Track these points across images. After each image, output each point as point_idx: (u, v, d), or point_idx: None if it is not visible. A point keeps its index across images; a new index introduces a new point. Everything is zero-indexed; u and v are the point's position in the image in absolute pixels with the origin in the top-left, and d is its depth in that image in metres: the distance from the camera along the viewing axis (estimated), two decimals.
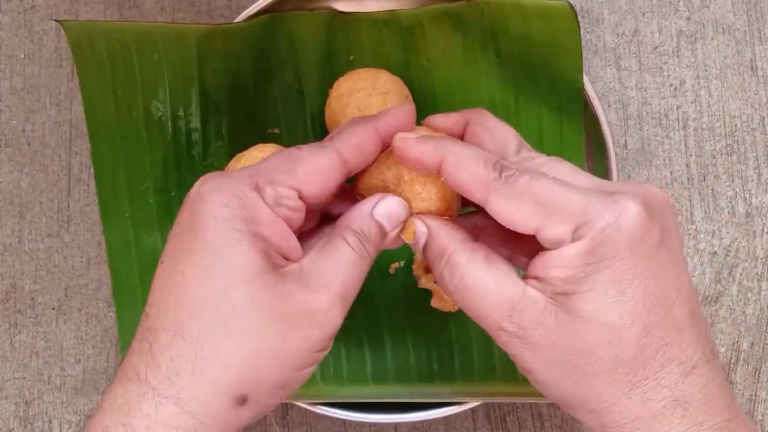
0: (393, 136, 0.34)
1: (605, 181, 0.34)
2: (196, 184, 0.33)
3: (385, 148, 0.35)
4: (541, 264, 0.32)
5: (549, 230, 0.31)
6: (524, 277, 0.32)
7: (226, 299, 0.31)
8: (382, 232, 0.34)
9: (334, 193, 0.35)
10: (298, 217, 0.33)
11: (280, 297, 0.31)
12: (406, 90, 0.48)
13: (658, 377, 0.31)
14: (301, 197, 0.33)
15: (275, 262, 0.32)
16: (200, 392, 0.30)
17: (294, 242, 0.33)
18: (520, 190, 0.31)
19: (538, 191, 0.31)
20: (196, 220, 0.31)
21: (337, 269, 0.32)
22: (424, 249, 0.34)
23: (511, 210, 0.31)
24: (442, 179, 0.34)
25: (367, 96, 0.46)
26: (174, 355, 0.30)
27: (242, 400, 0.31)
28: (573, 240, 0.31)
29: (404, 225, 0.34)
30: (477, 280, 0.32)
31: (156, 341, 0.31)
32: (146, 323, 0.32)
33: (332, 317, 0.32)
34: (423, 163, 0.33)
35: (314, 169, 0.33)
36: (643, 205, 0.31)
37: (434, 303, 0.48)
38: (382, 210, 0.34)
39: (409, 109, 0.35)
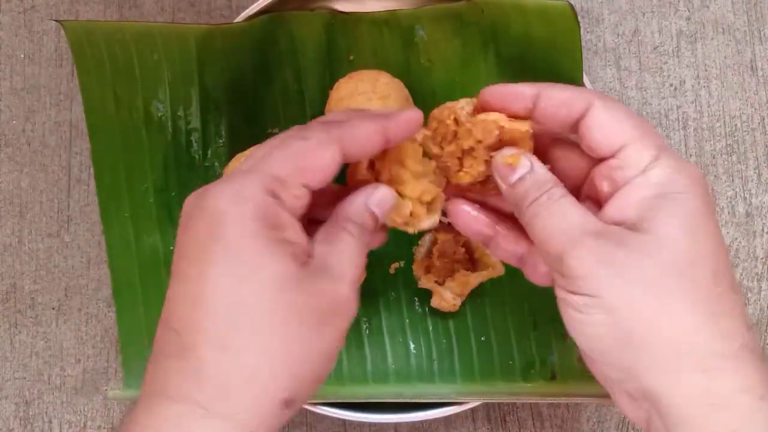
0: (398, 139, 0.36)
1: None
2: (203, 197, 0.32)
3: (386, 147, 0.36)
4: (613, 206, 0.33)
5: (635, 149, 0.33)
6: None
7: (269, 309, 0.31)
8: (375, 220, 0.36)
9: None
10: (304, 207, 0.34)
11: (312, 295, 0.31)
12: (406, 92, 0.48)
13: (733, 315, 0.31)
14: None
15: (302, 260, 0.32)
16: (252, 404, 0.30)
17: (304, 235, 0.33)
18: (618, 105, 0.34)
19: (632, 113, 0.34)
20: (220, 235, 0.31)
21: (346, 259, 0.33)
22: (518, 181, 0.35)
23: (610, 120, 0.33)
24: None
25: (367, 100, 0.46)
26: (222, 371, 0.30)
27: (290, 403, 0.31)
28: (649, 168, 0.33)
29: (509, 156, 0.36)
30: (568, 209, 0.34)
31: (199, 358, 0.31)
32: (179, 340, 0.31)
33: (353, 304, 0.33)
34: (519, 99, 0.36)
35: (320, 165, 0.33)
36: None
37: (434, 303, 0.48)
38: (376, 200, 0.36)
39: (419, 115, 0.36)
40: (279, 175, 0.32)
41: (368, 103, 0.45)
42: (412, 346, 0.49)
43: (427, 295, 0.48)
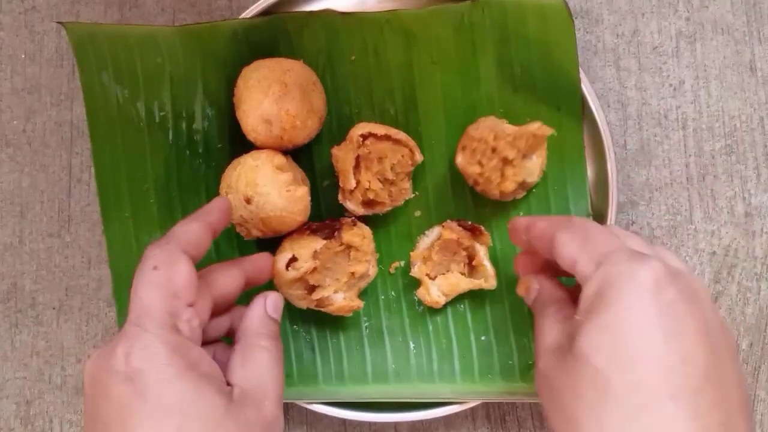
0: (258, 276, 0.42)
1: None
2: (108, 360, 0.33)
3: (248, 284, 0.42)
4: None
5: (580, 263, 0.35)
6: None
7: None
8: (277, 324, 0.40)
9: None
10: (200, 331, 0.36)
11: (246, 426, 0.33)
12: (313, 79, 0.47)
13: None
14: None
15: (225, 391, 0.34)
16: None
17: (214, 363, 0.35)
18: (576, 226, 0.37)
19: (587, 227, 0.37)
20: (144, 393, 0.31)
21: (267, 377, 0.36)
22: (533, 301, 0.41)
23: (563, 243, 0.36)
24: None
25: (267, 87, 0.46)
26: None
27: None
28: (586, 282, 0.34)
29: (523, 283, 0.43)
30: (549, 327, 0.37)
31: None
32: None
33: (281, 421, 0.36)
34: (516, 230, 0.42)
35: (188, 281, 0.35)
36: (664, 265, 0.33)
37: (419, 293, 0.48)
38: (273, 306, 0.40)
39: (269, 257, 0.44)
40: (168, 309, 0.34)
41: (270, 87, 0.45)
42: (412, 345, 0.49)
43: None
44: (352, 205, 0.47)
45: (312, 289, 0.46)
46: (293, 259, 0.45)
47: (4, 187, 0.53)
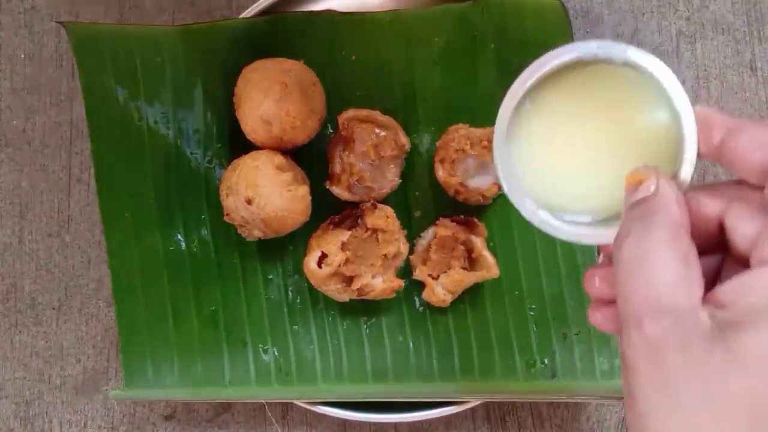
0: None
1: None
2: None
3: None
4: (731, 287, 0.25)
5: None
6: (703, 300, 0.26)
7: None
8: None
9: None
10: None
11: None
12: (313, 79, 0.47)
13: None
14: None
15: None
16: None
17: None
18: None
19: None
20: None
21: None
22: (633, 203, 0.27)
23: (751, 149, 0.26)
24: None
25: (268, 86, 0.45)
26: None
27: None
28: None
29: (638, 173, 0.28)
30: (661, 265, 0.25)
31: None
32: None
33: None
34: (707, 128, 0.28)
35: None
36: None
37: (425, 295, 0.48)
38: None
39: None
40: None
41: (270, 88, 0.45)
42: (411, 344, 0.49)
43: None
44: (339, 190, 0.47)
45: (349, 280, 0.46)
46: (323, 256, 0.46)
47: (4, 187, 0.53)
